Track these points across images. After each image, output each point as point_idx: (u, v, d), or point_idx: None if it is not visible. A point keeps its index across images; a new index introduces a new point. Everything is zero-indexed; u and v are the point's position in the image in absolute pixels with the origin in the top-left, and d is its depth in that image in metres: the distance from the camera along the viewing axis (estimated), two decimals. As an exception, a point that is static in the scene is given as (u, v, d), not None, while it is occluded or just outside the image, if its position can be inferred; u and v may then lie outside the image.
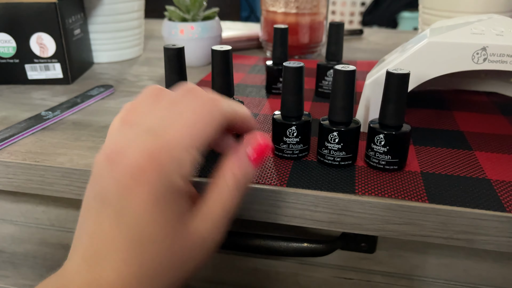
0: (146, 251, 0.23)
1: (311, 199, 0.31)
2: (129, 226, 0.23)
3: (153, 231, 0.23)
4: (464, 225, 0.29)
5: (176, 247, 0.24)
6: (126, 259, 0.23)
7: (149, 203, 0.23)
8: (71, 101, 0.47)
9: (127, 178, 0.23)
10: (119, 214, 0.23)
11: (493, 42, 0.34)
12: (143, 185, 0.22)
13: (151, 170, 0.23)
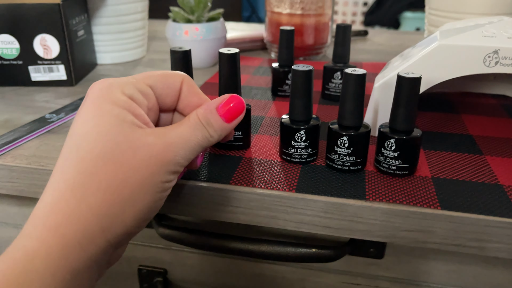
0: (86, 155, 0.22)
1: (321, 205, 0.30)
2: (71, 135, 0.24)
3: (94, 135, 0.23)
4: (476, 233, 0.29)
5: (118, 150, 0.23)
6: (65, 167, 0.23)
7: (92, 113, 0.24)
8: (75, 104, 0.46)
9: (82, 104, 0.25)
10: (70, 133, 0.24)
11: (505, 45, 0.34)
12: (89, 100, 0.24)
13: (97, 89, 0.25)
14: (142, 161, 0.23)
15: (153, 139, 0.24)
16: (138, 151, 0.23)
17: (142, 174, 0.23)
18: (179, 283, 0.44)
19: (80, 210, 0.22)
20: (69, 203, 0.22)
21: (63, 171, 0.23)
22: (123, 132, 0.23)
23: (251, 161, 0.35)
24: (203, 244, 0.38)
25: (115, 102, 0.24)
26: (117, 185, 0.23)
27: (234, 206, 0.32)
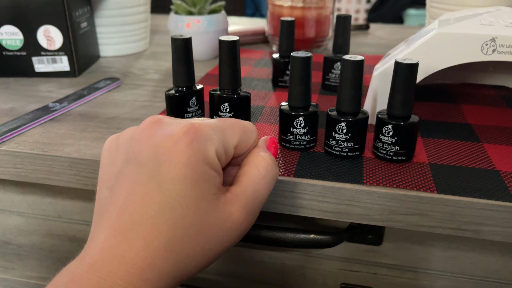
0: (178, 220, 0.22)
1: (319, 189, 0.31)
2: (164, 192, 0.22)
3: (187, 200, 0.23)
4: (472, 216, 0.29)
5: (207, 221, 0.23)
6: (157, 226, 0.22)
7: (186, 172, 0.23)
8: (78, 93, 0.47)
9: (166, 145, 0.23)
10: (154, 179, 0.23)
11: (503, 33, 0.34)
12: (181, 154, 0.23)
13: (190, 140, 0.23)
14: (226, 234, 0.24)
15: (236, 210, 0.24)
16: (224, 225, 0.24)
17: (224, 245, 0.24)
18: (180, 270, 0.45)
19: (171, 271, 0.22)
20: (163, 263, 0.22)
21: (156, 228, 0.22)
22: (212, 202, 0.24)
23: (251, 148, 0.35)
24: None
25: (208, 163, 0.23)
26: (203, 255, 0.23)
27: (233, 191, 0.32)
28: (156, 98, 0.47)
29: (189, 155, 0.23)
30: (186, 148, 0.23)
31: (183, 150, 0.23)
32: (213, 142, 0.24)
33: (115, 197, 0.24)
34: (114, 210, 0.23)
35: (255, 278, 0.43)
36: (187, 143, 0.23)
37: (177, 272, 0.23)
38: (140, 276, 0.21)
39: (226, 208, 0.24)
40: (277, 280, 0.42)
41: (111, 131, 0.39)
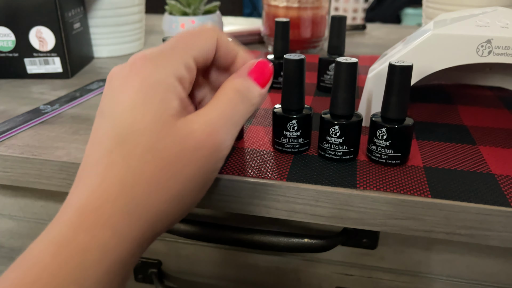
0: (132, 149, 0.21)
1: (312, 193, 0.30)
2: (116, 125, 0.22)
3: (139, 127, 0.21)
4: (467, 220, 0.29)
5: (164, 143, 0.22)
6: (111, 162, 0.21)
7: (136, 99, 0.22)
8: (70, 95, 0.46)
9: (119, 79, 0.23)
10: (109, 117, 0.22)
11: (498, 35, 0.34)
12: (130, 84, 0.22)
13: (136, 69, 0.22)
14: (189, 155, 0.22)
15: (198, 128, 0.23)
16: (185, 145, 0.22)
17: (191, 169, 0.22)
18: (174, 274, 0.45)
19: (129, 206, 0.21)
20: (118, 199, 0.21)
21: (111, 163, 0.21)
22: (169, 124, 0.22)
23: (243, 151, 0.35)
24: (197, 234, 0.38)
25: (163, 86, 0.22)
26: (165, 182, 0.22)
27: (225, 195, 0.32)
28: (149, 100, 0.47)
29: (137, 83, 0.22)
30: (133, 78, 0.22)
31: (131, 80, 0.22)
32: (163, 64, 0.23)
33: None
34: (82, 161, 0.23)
35: (250, 282, 0.43)
36: (135, 72, 0.22)
37: (142, 210, 0.21)
38: (94, 217, 0.20)
39: (186, 127, 0.23)
40: (271, 283, 0.42)
41: (103, 134, 0.38)
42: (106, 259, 0.20)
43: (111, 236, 0.20)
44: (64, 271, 0.19)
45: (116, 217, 0.20)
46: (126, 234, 0.21)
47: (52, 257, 0.19)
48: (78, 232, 0.20)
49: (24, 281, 0.18)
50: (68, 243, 0.19)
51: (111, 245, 0.20)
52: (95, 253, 0.19)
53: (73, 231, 0.20)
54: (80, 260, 0.19)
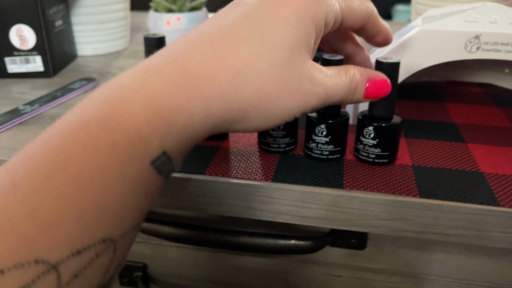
0: (263, 48, 0.22)
1: (298, 194, 0.29)
2: (258, 23, 0.23)
3: (282, 31, 0.23)
4: (456, 220, 0.28)
5: (290, 67, 0.23)
6: (237, 44, 0.22)
7: (291, 11, 0.23)
8: (51, 95, 0.45)
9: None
10: (253, 12, 0.23)
11: (487, 30, 0.33)
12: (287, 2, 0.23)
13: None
14: (298, 94, 0.24)
15: (317, 80, 0.25)
16: (302, 85, 0.24)
17: (292, 103, 0.24)
18: (159, 277, 0.44)
19: (232, 97, 0.22)
20: (228, 85, 0.22)
21: (238, 47, 0.22)
22: (302, 57, 0.24)
23: (228, 151, 0.34)
24: (182, 237, 0.37)
25: (314, 24, 0.24)
26: (273, 99, 0.23)
27: (210, 197, 0.31)
28: (133, 99, 0.46)
29: (299, 3, 0.23)
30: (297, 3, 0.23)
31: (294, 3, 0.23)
32: (328, 8, 0.24)
33: (206, 21, 0.25)
34: (194, 29, 0.25)
35: (237, 284, 0.42)
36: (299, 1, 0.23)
37: (239, 105, 0.22)
38: (196, 86, 0.21)
39: (311, 71, 0.24)
40: (259, 286, 0.41)
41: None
42: (189, 128, 0.21)
43: (201, 111, 0.21)
44: (154, 122, 0.19)
45: (216, 98, 0.21)
46: (214, 116, 0.21)
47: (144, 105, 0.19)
48: (177, 92, 0.20)
49: (116, 116, 0.19)
50: (162, 97, 0.20)
51: (198, 117, 0.21)
52: (183, 118, 0.20)
53: (173, 89, 0.20)
54: (170, 118, 0.20)
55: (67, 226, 0.16)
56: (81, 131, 0.18)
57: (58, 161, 0.17)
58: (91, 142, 0.18)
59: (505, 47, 0.33)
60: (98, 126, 0.18)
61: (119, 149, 0.18)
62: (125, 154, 0.18)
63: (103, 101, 0.19)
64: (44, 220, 0.16)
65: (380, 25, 0.29)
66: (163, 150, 0.20)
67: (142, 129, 0.19)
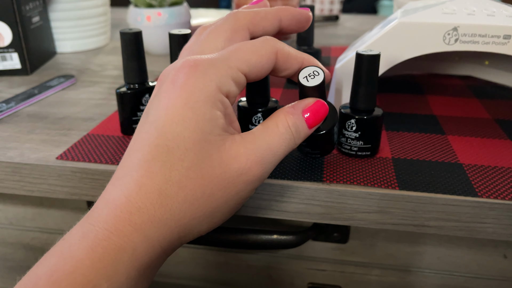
0: (176, 162, 0.21)
1: (277, 189, 0.29)
2: (162, 135, 0.22)
3: (186, 142, 0.21)
4: (435, 212, 0.28)
5: (209, 162, 0.22)
6: (152, 169, 0.21)
7: (185, 113, 0.22)
8: (28, 93, 0.44)
9: (168, 83, 0.23)
10: (155, 123, 0.22)
11: (465, 22, 0.33)
12: (181, 90, 0.22)
13: (193, 74, 0.22)
14: (231, 179, 0.22)
15: (244, 153, 0.22)
16: (229, 168, 0.22)
17: (229, 193, 0.22)
18: (142, 275, 0.43)
19: (164, 216, 0.21)
20: (154, 207, 0.21)
21: (151, 171, 0.21)
22: (215, 144, 0.22)
23: (208, 147, 0.34)
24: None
25: (211, 102, 0.22)
26: (204, 201, 0.22)
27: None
28: (112, 95, 0.45)
29: (186, 94, 0.22)
30: (183, 88, 0.22)
31: (180, 89, 0.22)
32: (218, 79, 0.22)
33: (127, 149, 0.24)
34: (122, 160, 0.23)
35: (220, 281, 0.42)
36: (184, 82, 0.22)
37: (174, 222, 0.21)
38: (128, 221, 0.21)
39: (232, 149, 0.22)
40: (243, 282, 0.41)
41: (61, 132, 0.36)
42: (136, 261, 0.21)
43: (142, 241, 0.21)
44: (97, 266, 0.20)
45: (149, 225, 0.21)
46: (156, 241, 0.21)
47: (87, 253, 0.20)
48: (113, 233, 0.21)
49: (63, 269, 0.19)
50: (102, 241, 0.20)
51: (142, 249, 0.21)
52: (126, 254, 0.20)
53: (108, 231, 0.21)
54: (113, 259, 0.20)
55: None
56: (34, 286, 0.19)
57: None
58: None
59: (482, 39, 0.33)
60: (47, 280, 0.19)
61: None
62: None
63: (53, 253, 0.21)
64: None
65: (294, 57, 0.26)
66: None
67: (88, 276, 0.19)
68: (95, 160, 0.32)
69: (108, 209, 0.21)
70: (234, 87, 0.23)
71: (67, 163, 0.32)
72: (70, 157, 0.32)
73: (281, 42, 0.25)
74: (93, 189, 0.32)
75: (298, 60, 0.26)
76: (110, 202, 0.21)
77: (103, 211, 0.21)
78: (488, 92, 0.46)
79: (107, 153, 0.33)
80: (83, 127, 0.37)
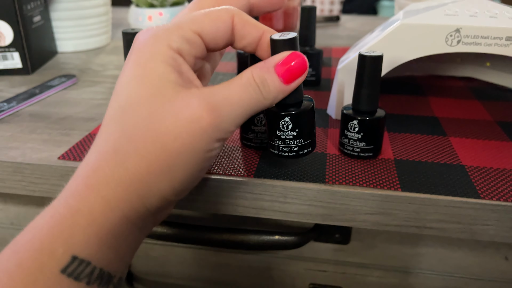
0: (129, 119, 0.22)
1: (280, 190, 0.29)
2: (118, 96, 0.23)
3: (138, 98, 0.22)
4: (437, 214, 0.28)
5: (160, 114, 0.22)
6: (108, 130, 0.22)
7: (135, 71, 0.23)
8: (29, 92, 0.44)
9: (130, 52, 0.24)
10: (115, 89, 0.23)
11: (467, 23, 0.33)
12: (133, 53, 0.23)
13: (140, 43, 0.23)
14: (182, 127, 0.22)
15: (196, 101, 0.22)
16: (180, 116, 0.22)
17: (182, 142, 0.22)
18: (143, 276, 0.43)
19: (119, 173, 0.21)
20: (109, 165, 0.21)
21: (108, 132, 0.22)
22: (166, 96, 0.22)
23: (210, 147, 0.34)
24: (165, 235, 0.36)
25: (159, 59, 0.22)
26: (155, 153, 0.21)
27: (191, 194, 0.31)
28: (114, 95, 0.45)
29: (135, 56, 0.23)
30: (134, 51, 0.23)
31: (132, 53, 0.23)
32: (167, 38, 0.23)
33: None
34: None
35: (222, 282, 0.41)
36: (138, 46, 0.23)
37: (129, 178, 0.21)
38: (84, 184, 0.21)
39: (185, 100, 0.22)
40: (244, 283, 0.41)
41: (62, 132, 0.36)
42: (94, 224, 0.20)
43: (99, 202, 0.21)
44: (54, 231, 0.20)
45: (105, 185, 0.21)
46: (114, 203, 0.21)
47: (46, 221, 0.20)
48: (70, 197, 0.21)
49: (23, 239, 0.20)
50: (60, 208, 0.21)
51: (99, 211, 0.21)
52: (83, 217, 0.20)
53: (66, 197, 0.21)
54: (70, 223, 0.20)
55: None
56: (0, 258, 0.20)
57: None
58: (3, 266, 0.19)
59: (485, 40, 0.33)
60: (10, 254, 0.20)
61: (24, 267, 0.19)
62: (31, 270, 0.19)
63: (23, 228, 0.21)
64: None
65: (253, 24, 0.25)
66: (72, 255, 0.20)
67: (45, 240, 0.20)
68: (97, 161, 0.32)
69: (73, 178, 0.22)
70: (186, 45, 0.23)
71: (69, 163, 0.32)
72: (72, 157, 0.32)
73: (242, 11, 0.25)
74: (95, 190, 0.32)
75: (258, 28, 0.25)
76: (76, 172, 0.22)
77: (69, 182, 0.22)
78: (490, 94, 0.46)
79: (109, 154, 0.33)
80: (84, 127, 0.37)
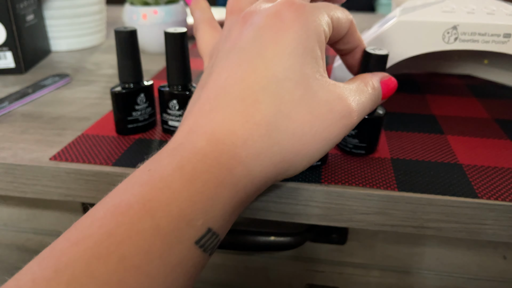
0: (286, 95, 0.21)
1: (275, 190, 0.29)
2: (270, 66, 0.21)
3: (296, 75, 0.21)
4: (434, 213, 0.28)
5: (317, 99, 0.21)
6: (260, 100, 0.20)
7: (295, 46, 0.21)
8: (21, 92, 0.43)
9: (269, 22, 0.22)
10: (259, 57, 0.21)
11: (464, 21, 0.33)
12: (288, 27, 0.21)
13: (296, 12, 0.21)
14: (334, 120, 0.22)
15: (348, 96, 0.23)
16: (334, 108, 0.22)
17: (331, 133, 0.22)
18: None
19: (271, 150, 0.20)
20: (263, 140, 0.20)
21: (259, 101, 0.20)
22: (320, 82, 0.22)
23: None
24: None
25: (317, 41, 0.22)
26: (310, 137, 0.21)
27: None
28: (108, 95, 0.44)
29: (297, 28, 0.21)
30: (293, 21, 0.21)
31: (290, 23, 0.21)
32: (315, 14, 0.22)
33: (209, 83, 0.22)
34: (206, 95, 0.21)
35: (218, 283, 0.41)
36: (294, 16, 0.21)
37: (281, 156, 0.21)
38: (232, 153, 0.20)
39: (336, 91, 0.22)
40: (240, 283, 0.41)
41: (55, 132, 0.36)
42: (235, 197, 0.20)
43: (245, 176, 0.20)
44: (195, 200, 0.18)
45: (255, 159, 0.20)
46: (257, 177, 0.20)
47: (185, 185, 0.19)
48: (214, 166, 0.19)
49: (159, 199, 0.18)
50: (201, 174, 0.19)
51: (242, 185, 0.20)
52: (226, 189, 0.19)
53: (208, 164, 0.19)
54: (212, 193, 0.19)
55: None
56: (124, 214, 0.18)
57: (101, 248, 0.17)
58: (134, 226, 0.17)
59: (482, 37, 0.33)
60: (140, 209, 0.18)
61: (162, 233, 0.18)
62: (169, 238, 0.18)
63: (143, 183, 0.19)
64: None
65: (358, 35, 0.27)
66: (208, 228, 0.19)
67: (185, 209, 0.18)
68: (90, 161, 0.31)
69: (207, 141, 0.20)
70: (327, 29, 0.23)
71: (61, 163, 0.31)
72: (64, 158, 0.32)
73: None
74: (88, 191, 0.31)
75: (360, 39, 0.27)
76: (207, 134, 0.20)
77: (198, 143, 0.20)
78: (488, 91, 0.45)
79: (102, 154, 0.32)
80: (77, 127, 0.37)
